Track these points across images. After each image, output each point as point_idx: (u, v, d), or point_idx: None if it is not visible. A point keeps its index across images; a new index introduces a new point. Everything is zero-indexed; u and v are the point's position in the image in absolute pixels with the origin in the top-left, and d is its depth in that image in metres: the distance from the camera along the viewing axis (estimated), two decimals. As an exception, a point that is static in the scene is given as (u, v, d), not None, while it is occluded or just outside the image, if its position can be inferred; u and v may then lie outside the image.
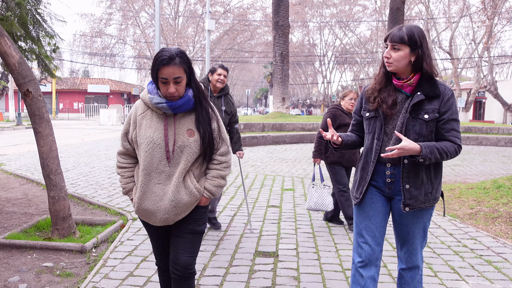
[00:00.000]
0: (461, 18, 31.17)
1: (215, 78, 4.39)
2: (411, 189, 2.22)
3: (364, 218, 2.36)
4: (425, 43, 2.19)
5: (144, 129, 2.23)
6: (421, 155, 2.10)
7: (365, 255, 2.33)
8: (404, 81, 2.23)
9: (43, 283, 3.33)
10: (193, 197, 2.26)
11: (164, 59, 2.12)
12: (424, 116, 2.19)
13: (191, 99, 2.24)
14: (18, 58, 4.14)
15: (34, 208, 5.73)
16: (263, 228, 4.74)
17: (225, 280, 3.30)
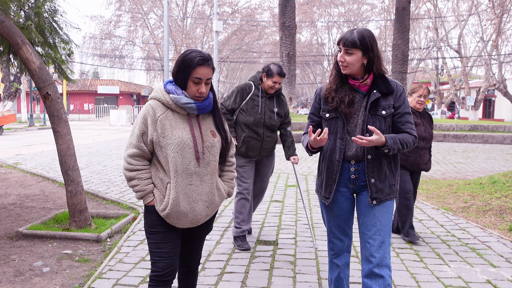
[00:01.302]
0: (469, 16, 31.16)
1: (269, 84, 4.00)
2: (376, 183, 2.33)
3: (332, 217, 2.49)
4: (376, 46, 2.31)
5: (170, 130, 2.19)
6: (386, 145, 2.22)
7: (337, 249, 2.52)
8: (361, 81, 2.34)
9: (64, 267, 3.69)
10: (222, 199, 2.36)
11: (201, 59, 2.16)
12: (382, 112, 2.33)
13: (212, 101, 2.30)
14: (39, 63, 4.51)
15: (51, 203, 6.11)
16: (265, 220, 5.06)
17: (228, 264, 3.64)
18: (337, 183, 2.40)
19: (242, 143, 4.02)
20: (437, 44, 33.15)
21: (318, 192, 2.54)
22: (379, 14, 44.04)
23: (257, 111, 4.00)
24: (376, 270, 2.28)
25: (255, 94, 4.04)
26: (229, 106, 4.10)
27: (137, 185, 2.22)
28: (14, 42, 4.40)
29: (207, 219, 2.34)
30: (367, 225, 2.38)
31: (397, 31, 18.84)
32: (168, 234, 2.26)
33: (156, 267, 2.26)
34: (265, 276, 3.39)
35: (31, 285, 3.33)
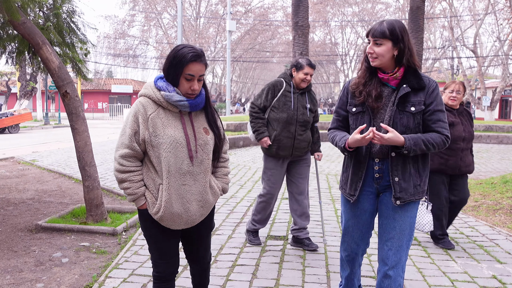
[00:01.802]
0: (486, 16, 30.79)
1: (301, 77, 3.83)
2: (400, 182, 2.24)
3: (351, 216, 2.42)
4: (407, 37, 2.20)
5: (162, 129, 2.11)
6: (405, 146, 2.13)
7: (350, 250, 2.45)
8: (390, 74, 2.24)
9: (82, 258, 3.84)
10: (216, 197, 2.29)
11: (194, 55, 2.08)
12: (411, 109, 2.21)
13: (204, 97, 2.24)
14: (58, 63, 4.67)
15: (68, 199, 6.29)
16: (276, 216, 5.16)
17: (239, 257, 3.75)
18: (363, 182, 2.33)
19: (273, 142, 3.88)
20: (453, 43, 32.82)
21: (342, 189, 2.46)
22: (394, 14, 43.74)
23: (289, 107, 3.85)
24: (390, 273, 2.29)
25: (286, 90, 3.89)
26: (261, 104, 3.96)
27: (128, 188, 2.14)
28: (34, 42, 4.57)
29: (202, 219, 2.27)
30: (386, 228, 2.33)
31: (411, 31, 18.65)
32: (165, 236, 2.23)
33: (157, 268, 2.28)
34: (275, 269, 3.49)
35: (51, 274, 3.48)
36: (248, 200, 6.03)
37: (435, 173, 3.90)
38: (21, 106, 23.81)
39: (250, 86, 63.35)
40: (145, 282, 3.24)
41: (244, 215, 5.23)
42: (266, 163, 4.02)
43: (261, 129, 3.94)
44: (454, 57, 35.36)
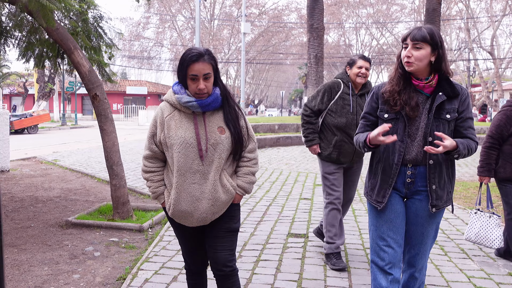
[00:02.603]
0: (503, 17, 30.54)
1: (355, 71, 3.59)
2: (437, 190, 2.25)
3: (385, 221, 2.33)
4: (443, 44, 2.22)
5: (175, 130, 2.22)
6: (457, 150, 2.14)
7: (388, 258, 2.30)
8: (426, 82, 2.23)
9: (113, 252, 4.05)
10: (229, 195, 2.29)
11: (193, 56, 2.17)
12: (447, 116, 2.22)
13: (219, 96, 2.26)
14: (88, 67, 4.90)
15: (93, 197, 6.53)
16: (296, 215, 5.32)
17: (262, 253, 3.92)
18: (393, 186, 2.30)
19: (333, 148, 3.62)
20: (469, 45, 32.60)
21: (368, 196, 2.40)
22: (409, 15, 43.57)
23: (348, 111, 3.58)
24: (417, 275, 2.39)
25: (344, 92, 3.62)
26: (315, 107, 3.68)
27: (150, 187, 2.35)
28: (67, 47, 4.80)
29: (216, 217, 2.29)
30: (414, 234, 2.35)
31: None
32: (184, 233, 2.38)
33: (185, 262, 2.50)
34: (297, 264, 3.65)
35: (86, 267, 3.69)
36: (267, 200, 6.19)
37: (509, 181, 3.66)
38: (40, 107, 24.36)
39: (264, 88, 63.56)
40: (176, 275, 3.43)
41: (264, 213, 5.39)
42: (325, 169, 3.72)
43: (311, 135, 3.71)
44: (470, 59, 35.12)
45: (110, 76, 6.39)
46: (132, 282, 3.30)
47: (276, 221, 5.04)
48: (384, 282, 2.28)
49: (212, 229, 2.33)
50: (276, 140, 14.29)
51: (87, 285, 3.34)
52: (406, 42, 2.21)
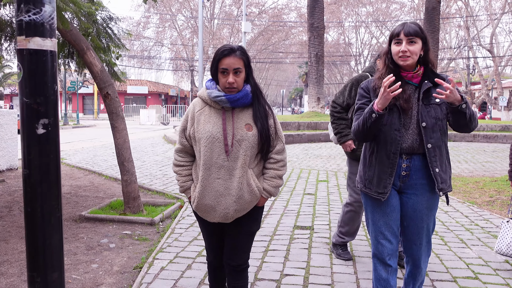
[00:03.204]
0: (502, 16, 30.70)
1: None
2: (440, 173, 2.28)
3: (382, 215, 2.39)
4: (429, 37, 2.33)
5: (203, 124, 2.26)
6: (463, 100, 2.16)
7: (387, 251, 2.39)
8: (413, 72, 2.32)
9: (127, 244, 4.23)
10: (254, 196, 2.30)
11: (225, 50, 2.22)
12: (436, 100, 2.30)
13: (249, 93, 2.28)
14: (100, 67, 5.07)
15: (102, 193, 6.71)
16: (301, 209, 5.50)
17: (270, 244, 4.10)
18: None
19: (359, 145, 3.48)
20: (469, 43, 32.79)
21: (367, 189, 2.41)
22: (408, 13, 43.74)
23: None
24: (422, 265, 2.46)
25: None
26: (343, 103, 3.55)
27: (178, 180, 2.41)
28: (80, 48, 4.98)
29: (239, 215, 2.31)
30: (414, 229, 2.39)
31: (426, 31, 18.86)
32: (206, 227, 2.44)
33: (207, 255, 2.56)
34: (304, 254, 3.84)
35: (103, 257, 3.87)
36: (272, 195, 6.37)
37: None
38: (43, 106, 24.48)
39: (264, 87, 63.73)
40: (190, 263, 3.61)
41: (270, 207, 5.57)
42: (352, 168, 3.61)
43: (345, 131, 3.55)
44: (470, 57, 35.28)
45: (119, 75, 6.57)
46: (149, 270, 3.49)
47: (282, 215, 5.22)
48: (384, 274, 2.40)
49: (232, 228, 2.37)
50: (278, 138, 14.45)
51: (106, 273, 3.52)
52: (399, 38, 2.26)
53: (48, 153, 1.34)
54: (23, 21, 1.28)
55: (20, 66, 1.30)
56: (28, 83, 1.30)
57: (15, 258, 3.83)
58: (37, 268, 1.37)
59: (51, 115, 1.34)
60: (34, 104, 1.30)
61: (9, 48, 6.75)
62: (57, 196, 1.38)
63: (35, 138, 1.31)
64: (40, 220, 1.36)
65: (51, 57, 1.33)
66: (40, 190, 1.35)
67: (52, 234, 1.38)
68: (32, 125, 1.31)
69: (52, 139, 1.35)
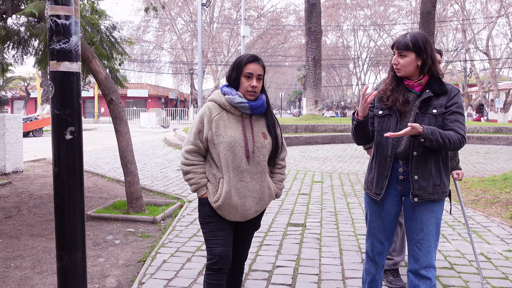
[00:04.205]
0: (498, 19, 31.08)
1: None
2: (419, 180, 2.34)
3: (376, 218, 2.52)
4: (429, 48, 2.34)
5: (224, 129, 2.35)
6: (422, 134, 2.21)
7: (377, 251, 2.56)
8: (415, 81, 2.39)
9: (131, 241, 4.54)
10: (271, 198, 2.50)
11: (251, 57, 2.39)
12: (433, 111, 2.34)
13: (265, 103, 2.44)
14: (105, 74, 5.39)
15: (106, 194, 7.02)
16: (295, 208, 5.81)
17: (265, 239, 4.41)
18: (388, 182, 2.44)
19: None
20: (465, 46, 33.16)
21: (368, 190, 2.56)
22: (406, 16, 44.12)
23: None
24: (423, 272, 2.38)
25: None
26: None
27: (192, 179, 2.40)
28: (85, 56, 5.29)
29: (255, 215, 2.48)
30: (414, 230, 2.43)
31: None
32: (221, 223, 2.43)
33: (212, 255, 2.39)
34: (296, 248, 4.14)
35: (109, 252, 4.18)
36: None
37: None
38: (44, 110, 24.84)
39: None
40: (189, 257, 3.92)
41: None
42: None
43: None
44: (467, 59, 35.66)
45: (121, 81, 6.89)
46: (152, 262, 3.79)
47: (276, 213, 5.53)
48: (373, 269, 2.60)
49: (245, 226, 2.53)
50: (276, 140, 14.75)
51: (112, 266, 3.83)
52: (393, 50, 2.40)
53: (74, 155, 1.65)
54: (54, 49, 1.59)
55: (52, 85, 1.61)
56: (58, 98, 1.61)
57: (27, 253, 4.13)
58: (64, 248, 1.68)
59: (76, 124, 1.65)
60: (63, 115, 1.61)
61: (16, 56, 7.08)
62: (81, 190, 1.69)
63: (64, 142, 1.62)
64: (67, 209, 1.67)
65: (76, 77, 1.64)
66: (67, 184, 1.65)
67: (76, 220, 1.69)
68: (61, 132, 1.62)
69: (77, 143, 1.66)
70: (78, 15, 1.63)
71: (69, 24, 1.60)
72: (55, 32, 1.59)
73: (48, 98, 25.42)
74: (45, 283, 3.46)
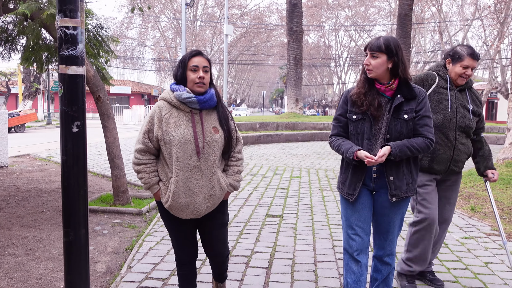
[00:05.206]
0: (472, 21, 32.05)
1: (458, 70, 3.06)
2: (395, 181, 2.47)
3: (353, 212, 2.58)
4: (400, 52, 2.43)
5: (173, 127, 2.36)
6: (391, 154, 2.38)
7: (356, 246, 2.56)
8: (386, 86, 2.47)
9: (118, 231, 4.81)
10: (223, 192, 2.50)
11: (194, 51, 2.44)
12: (404, 116, 2.45)
13: (214, 96, 2.45)
14: (93, 72, 5.63)
15: (92, 188, 7.24)
16: (273, 201, 6.15)
17: (244, 229, 4.74)
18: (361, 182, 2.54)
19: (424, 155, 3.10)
20: (442, 47, 34.05)
21: (340, 189, 2.64)
22: (386, 17, 44.98)
23: (446, 106, 3.06)
24: (386, 259, 2.63)
25: (440, 86, 3.11)
26: None
27: (143, 178, 2.43)
28: (74, 55, 5.51)
29: (210, 211, 2.49)
30: (382, 223, 2.59)
31: (399, 36, 19.85)
32: (176, 225, 2.51)
33: (176, 254, 2.63)
34: (273, 236, 4.48)
35: (98, 241, 4.44)
36: (248, 189, 7.01)
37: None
38: (26, 106, 24.68)
39: (245, 88, 64.40)
40: (174, 244, 4.23)
41: (246, 200, 6.20)
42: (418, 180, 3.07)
43: None
44: (443, 60, 36.55)
45: (108, 79, 7.11)
46: (139, 249, 4.08)
47: (256, 206, 5.86)
48: (355, 268, 2.57)
49: (206, 223, 2.55)
50: (257, 138, 15.11)
51: (101, 253, 4.10)
52: (366, 52, 2.49)
53: (79, 145, 1.94)
54: (64, 55, 1.88)
55: (61, 85, 1.89)
56: (66, 96, 1.90)
57: (19, 242, 4.37)
58: (70, 225, 1.96)
59: (81, 119, 1.93)
60: (71, 111, 1.90)
61: (4, 52, 7.23)
62: (84, 175, 1.98)
63: (71, 135, 1.91)
64: (72, 191, 1.96)
65: (82, 79, 1.93)
66: (73, 170, 1.94)
67: (80, 201, 1.97)
68: (69, 126, 1.91)
69: (82, 135, 1.94)
70: (83, 26, 1.92)
71: (76, 34, 1.89)
72: (64, 40, 1.88)
73: (30, 94, 25.28)
74: (39, 268, 3.71)
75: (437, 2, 31.60)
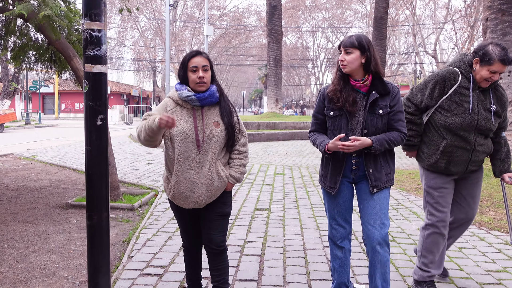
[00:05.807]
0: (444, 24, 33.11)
1: (484, 74, 2.86)
2: (374, 172, 2.60)
3: (335, 205, 2.73)
4: (372, 48, 2.57)
5: (176, 122, 2.48)
6: (372, 147, 2.51)
7: (339, 235, 2.75)
8: (361, 82, 2.59)
9: (113, 225, 4.98)
10: (222, 182, 2.61)
11: (193, 52, 2.56)
12: (379, 111, 2.57)
13: (215, 92, 2.58)
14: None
15: (81, 186, 7.35)
16: (260, 196, 6.41)
17: (235, 221, 4.99)
18: (342, 174, 2.66)
19: (441, 155, 2.96)
20: (415, 49, 35.02)
21: (322, 183, 2.76)
22: (362, 20, 45.88)
23: (466, 109, 2.90)
24: (378, 248, 2.59)
25: (463, 86, 2.92)
26: (421, 103, 3.02)
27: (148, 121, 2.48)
28: (67, 55, 5.66)
29: (211, 201, 2.62)
30: (367, 210, 2.63)
31: (375, 39, 20.44)
32: (180, 213, 2.72)
33: (182, 241, 2.88)
34: (263, 228, 4.75)
35: (95, 234, 4.61)
36: (235, 186, 7.21)
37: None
38: (4, 106, 24.27)
39: (225, 88, 64.48)
40: (170, 236, 4.44)
41: (234, 195, 6.45)
42: (429, 181, 3.07)
43: (414, 140, 3.09)
44: (417, 62, 37.65)
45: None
46: (137, 241, 4.28)
47: (244, 200, 6.12)
48: (340, 253, 2.78)
49: (207, 212, 2.65)
50: (239, 137, 15.33)
51: (100, 245, 4.28)
52: (340, 49, 2.63)
53: (101, 137, 2.15)
54: (89, 55, 2.09)
55: (87, 82, 2.11)
56: (91, 93, 2.11)
57: (18, 236, 4.51)
58: (94, 208, 2.18)
59: (104, 113, 2.15)
60: (95, 106, 2.11)
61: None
62: (106, 164, 2.19)
63: (95, 127, 2.12)
64: (96, 178, 2.17)
65: (105, 77, 2.14)
66: (97, 159, 2.15)
67: (103, 187, 2.19)
68: (93, 119, 2.12)
69: (104, 128, 2.16)
70: (106, 29, 2.13)
71: (100, 36, 2.11)
72: (89, 42, 2.09)
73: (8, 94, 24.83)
74: (41, 260, 3.87)
75: (411, 6, 32.50)
